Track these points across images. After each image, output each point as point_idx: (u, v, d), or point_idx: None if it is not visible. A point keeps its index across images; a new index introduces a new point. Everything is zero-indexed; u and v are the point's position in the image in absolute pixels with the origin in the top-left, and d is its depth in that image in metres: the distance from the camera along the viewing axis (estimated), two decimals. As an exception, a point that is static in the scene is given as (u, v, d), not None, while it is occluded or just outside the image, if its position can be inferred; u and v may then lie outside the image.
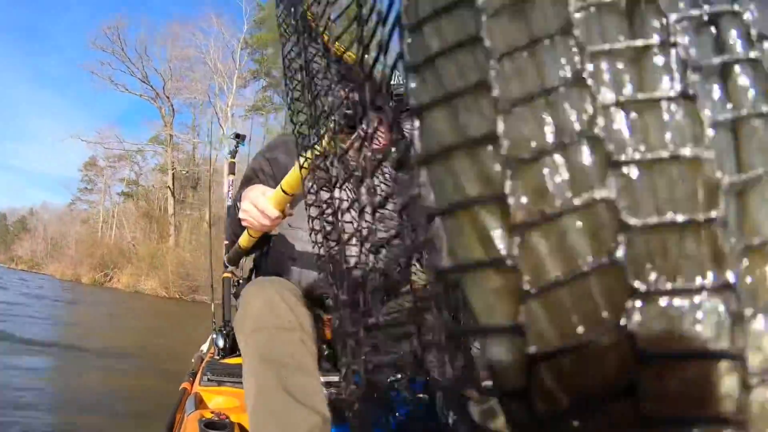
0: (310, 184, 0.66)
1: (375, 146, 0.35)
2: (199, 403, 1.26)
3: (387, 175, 0.54)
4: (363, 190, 0.36)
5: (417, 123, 0.21)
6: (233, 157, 2.43)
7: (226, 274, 1.96)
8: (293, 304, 1.12)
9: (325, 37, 0.48)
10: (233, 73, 23.69)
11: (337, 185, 0.49)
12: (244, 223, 1.14)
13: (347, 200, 0.46)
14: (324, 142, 0.56)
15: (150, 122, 36.95)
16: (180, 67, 25.18)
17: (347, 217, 0.45)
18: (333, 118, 0.48)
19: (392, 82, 0.61)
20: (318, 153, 0.58)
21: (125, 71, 24.87)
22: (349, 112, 0.41)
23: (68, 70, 62.75)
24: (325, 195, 0.57)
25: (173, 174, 24.71)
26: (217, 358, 1.55)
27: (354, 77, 0.37)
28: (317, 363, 1.10)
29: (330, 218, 0.55)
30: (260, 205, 1.05)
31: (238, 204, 1.20)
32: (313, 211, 0.64)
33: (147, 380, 4.41)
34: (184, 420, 1.17)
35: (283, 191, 1.00)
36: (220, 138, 23.95)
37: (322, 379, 1.12)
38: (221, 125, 23.40)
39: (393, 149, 0.27)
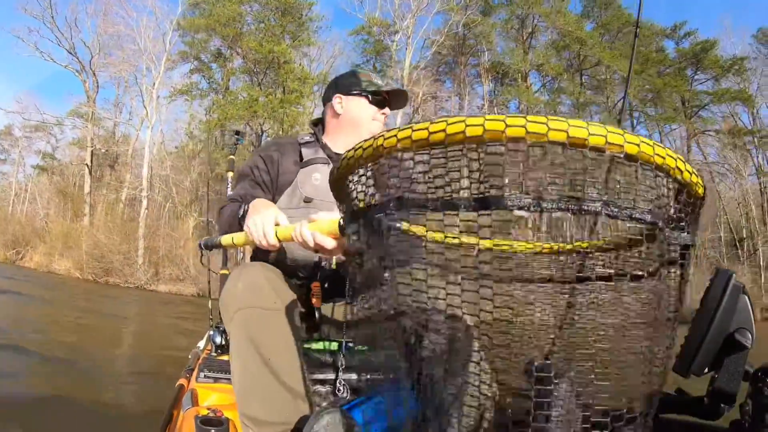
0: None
1: None
2: (196, 399, 1.26)
3: None
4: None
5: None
6: (232, 153, 2.47)
7: (224, 271, 1.99)
8: (277, 285, 1.18)
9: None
10: (162, 54, 23.23)
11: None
12: (246, 230, 1.19)
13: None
14: None
15: (72, 95, 35.26)
16: (109, 42, 24.41)
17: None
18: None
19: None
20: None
21: (53, 41, 23.85)
22: None
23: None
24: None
25: (92, 151, 23.96)
26: (214, 355, 1.56)
27: None
28: (301, 336, 1.17)
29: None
30: (267, 233, 1.11)
31: (245, 206, 1.28)
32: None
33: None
34: (181, 416, 1.19)
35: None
36: (142, 118, 23.51)
37: (313, 377, 1.20)
38: (145, 106, 22.98)
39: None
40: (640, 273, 0.65)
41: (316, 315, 1.34)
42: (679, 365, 0.71)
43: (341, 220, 0.88)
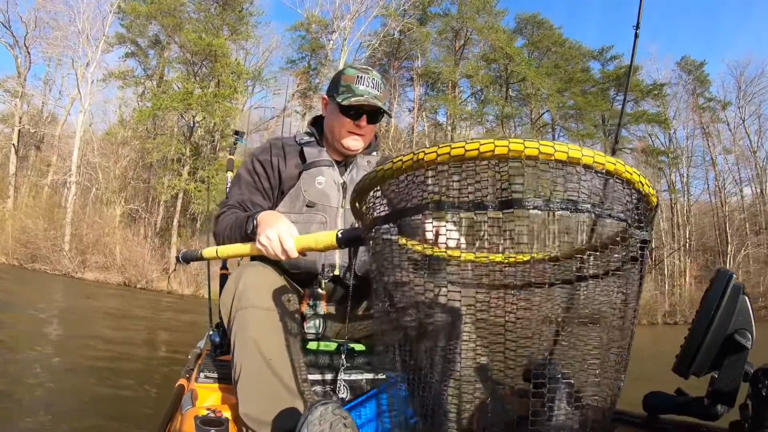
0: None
1: None
2: (195, 400, 1.26)
3: None
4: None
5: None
6: (232, 154, 2.43)
7: (223, 271, 1.98)
8: (277, 285, 1.19)
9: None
10: (100, 36, 22.86)
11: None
12: (259, 246, 1.14)
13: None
14: None
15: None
16: (46, 19, 23.75)
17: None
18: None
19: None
20: None
21: (-13, 12, 22.87)
22: None
23: None
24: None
25: (20, 130, 23.02)
26: (214, 355, 1.54)
27: None
28: (298, 338, 1.17)
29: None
30: (286, 243, 1.09)
31: (255, 220, 1.20)
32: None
33: None
34: (181, 416, 1.19)
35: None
36: (72, 98, 23.06)
37: (313, 377, 1.21)
38: (79, 89, 22.61)
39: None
40: (613, 268, 0.73)
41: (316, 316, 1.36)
42: (678, 366, 0.71)
43: (339, 233, 0.97)
